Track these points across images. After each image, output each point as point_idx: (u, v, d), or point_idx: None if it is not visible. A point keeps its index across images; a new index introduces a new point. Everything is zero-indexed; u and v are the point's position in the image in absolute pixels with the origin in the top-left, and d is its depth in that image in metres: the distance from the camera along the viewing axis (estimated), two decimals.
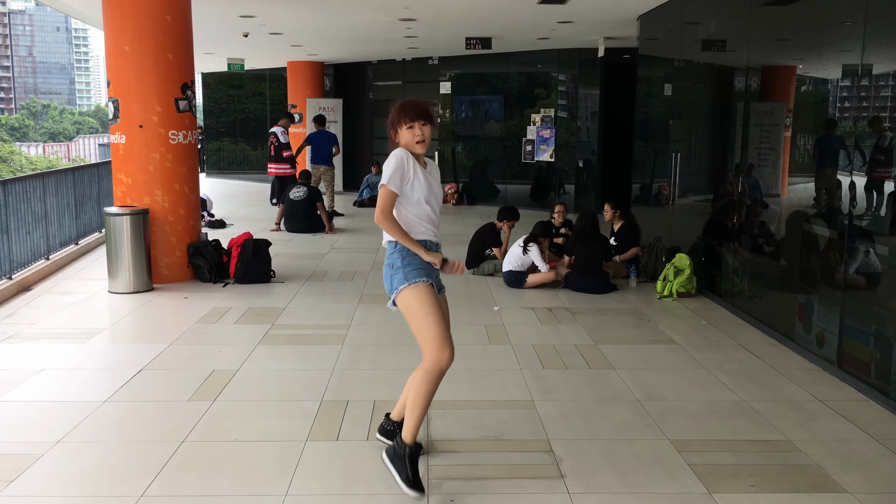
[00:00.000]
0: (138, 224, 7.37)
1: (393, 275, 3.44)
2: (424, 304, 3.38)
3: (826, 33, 5.77)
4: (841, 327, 5.13)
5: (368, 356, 5.47)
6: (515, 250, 7.86)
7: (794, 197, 6.35)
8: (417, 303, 3.37)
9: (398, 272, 3.42)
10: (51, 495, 3.44)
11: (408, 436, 3.42)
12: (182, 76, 7.59)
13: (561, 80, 14.51)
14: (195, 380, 4.93)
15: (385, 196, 3.37)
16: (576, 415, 4.41)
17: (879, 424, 4.32)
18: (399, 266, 3.42)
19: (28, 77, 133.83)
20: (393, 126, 3.47)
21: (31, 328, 6.15)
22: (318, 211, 11.30)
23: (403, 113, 3.44)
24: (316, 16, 10.48)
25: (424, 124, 3.43)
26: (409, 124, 3.42)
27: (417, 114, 3.43)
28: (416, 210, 3.46)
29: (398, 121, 3.45)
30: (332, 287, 7.77)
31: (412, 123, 3.42)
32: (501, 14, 9.90)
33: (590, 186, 14.03)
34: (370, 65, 17.85)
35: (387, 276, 3.49)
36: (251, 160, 20.87)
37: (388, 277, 3.47)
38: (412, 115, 3.43)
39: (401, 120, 3.44)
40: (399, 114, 3.45)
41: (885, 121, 5.00)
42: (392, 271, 3.44)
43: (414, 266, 3.42)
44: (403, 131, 3.44)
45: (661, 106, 9.78)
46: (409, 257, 3.42)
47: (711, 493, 3.49)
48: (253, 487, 3.50)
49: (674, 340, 5.99)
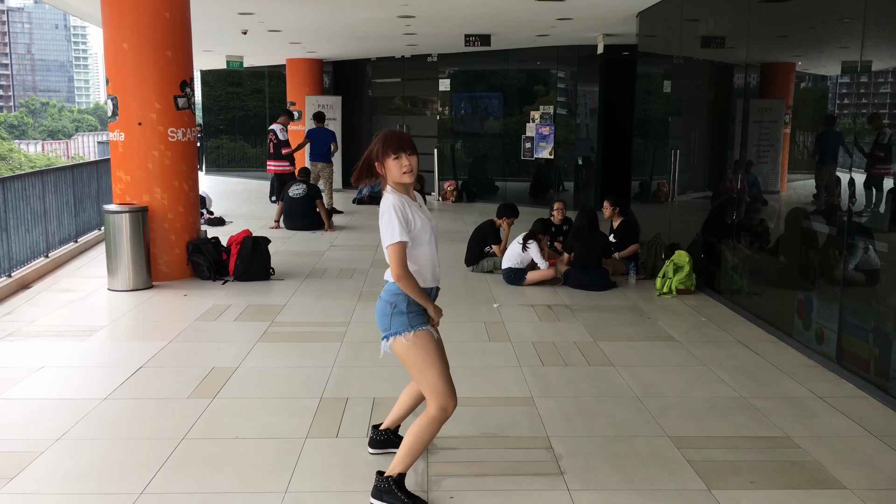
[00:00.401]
0: (137, 222, 7.36)
1: (393, 315, 3.29)
2: (429, 353, 3.29)
3: (825, 30, 5.76)
4: (840, 324, 5.13)
5: (368, 353, 5.47)
6: (515, 247, 7.87)
7: (793, 193, 6.35)
8: (423, 353, 3.28)
9: (400, 316, 3.28)
10: (50, 493, 3.44)
11: (394, 470, 3.33)
12: (181, 73, 7.58)
13: (560, 77, 14.50)
14: (195, 377, 4.93)
15: (398, 251, 3.19)
16: (575, 412, 4.41)
17: (878, 421, 4.33)
18: (402, 310, 3.28)
19: (27, 75, 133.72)
20: (377, 158, 3.28)
21: (30, 326, 6.15)
22: (317, 208, 11.30)
23: (387, 144, 3.26)
24: (315, 13, 10.46)
25: (411, 154, 3.28)
26: (395, 155, 3.25)
27: (402, 144, 3.27)
28: (425, 252, 3.32)
29: (383, 152, 3.26)
30: (332, 284, 7.77)
31: (398, 154, 3.24)
32: (500, 11, 9.89)
33: (589, 183, 14.03)
34: (369, 62, 17.83)
35: (384, 314, 3.32)
36: (250, 158, 20.86)
37: (387, 316, 3.30)
38: (396, 145, 3.26)
39: (386, 151, 3.26)
40: (383, 145, 3.27)
41: (885, 118, 5.00)
42: (392, 311, 3.29)
43: (416, 312, 3.30)
44: (390, 162, 3.26)
45: (660, 103, 9.78)
46: (413, 304, 3.29)
47: (711, 489, 3.50)
48: (253, 484, 3.51)
49: (673, 337, 6.00)
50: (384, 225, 3.24)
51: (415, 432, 3.30)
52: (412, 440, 3.30)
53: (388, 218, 3.22)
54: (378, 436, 3.82)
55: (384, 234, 3.24)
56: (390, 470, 3.34)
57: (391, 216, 3.22)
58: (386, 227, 3.23)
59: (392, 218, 3.21)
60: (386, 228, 3.23)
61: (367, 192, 14.89)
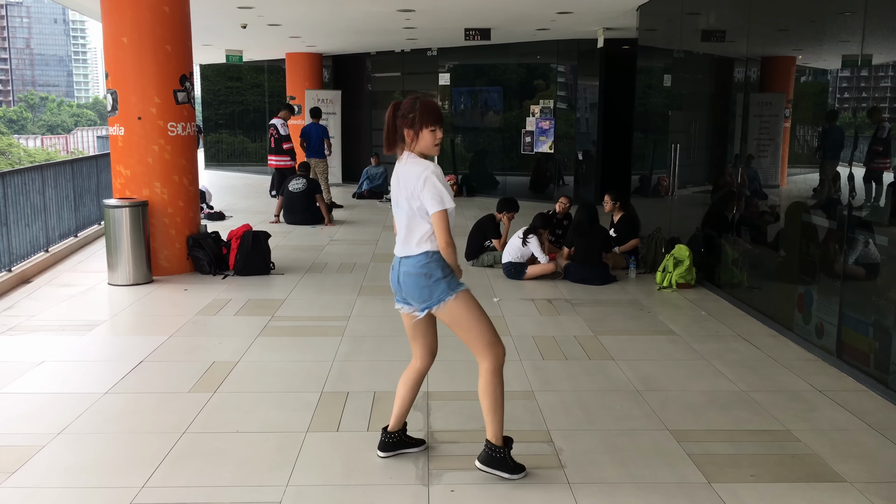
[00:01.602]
0: (137, 216, 7.36)
1: (433, 286, 3.36)
2: (474, 309, 3.42)
3: (826, 23, 5.75)
4: (840, 317, 5.13)
5: (368, 347, 5.48)
6: (515, 242, 7.87)
7: (793, 188, 6.35)
8: (468, 310, 3.40)
9: (440, 283, 3.37)
10: (52, 486, 3.45)
11: (498, 438, 3.47)
12: (180, 68, 7.57)
13: (560, 71, 14.48)
14: (195, 371, 4.93)
15: (445, 218, 3.30)
16: (576, 405, 4.42)
17: (878, 414, 4.34)
18: (440, 277, 3.36)
19: (26, 69, 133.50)
20: (412, 125, 3.34)
21: (30, 320, 6.15)
22: (317, 203, 11.30)
23: (428, 115, 3.35)
24: (314, 7, 10.45)
25: (442, 128, 3.42)
26: (432, 128, 3.36)
27: (439, 118, 3.39)
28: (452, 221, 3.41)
29: (421, 122, 3.34)
30: (332, 279, 7.77)
31: (434, 127, 3.36)
32: (501, 4, 9.87)
33: (589, 178, 14.02)
34: (369, 56, 17.80)
35: (421, 287, 3.38)
36: (250, 152, 20.84)
37: (425, 288, 3.37)
38: (435, 118, 3.36)
39: (424, 121, 3.34)
40: (423, 115, 3.34)
41: (885, 112, 5.00)
42: (430, 282, 3.36)
43: (451, 275, 3.40)
44: (426, 133, 3.35)
45: (660, 97, 9.77)
46: (446, 268, 3.39)
47: (711, 482, 3.50)
48: (254, 478, 3.52)
49: (673, 331, 6.00)
50: (428, 193, 3.29)
51: (488, 395, 3.43)
52: (491, 403, 3.43)
53: (433, 185, 3.29)
54: (389, 438, 3.74)
55: (430, 202, 3.29)
56: (493, 439, 3.47)
57: (435, 184, 3.30)
58: (431, 195, 3.29)
59: (437, 185, 3.29)
60: (431, 196, 3.29)
61: (366, 188, 14.88)
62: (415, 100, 3.38)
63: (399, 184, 3.43)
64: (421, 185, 3.31)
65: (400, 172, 3.43)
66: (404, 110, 3.38)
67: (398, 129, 3.40)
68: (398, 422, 3.74)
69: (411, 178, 3.35)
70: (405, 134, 3.38)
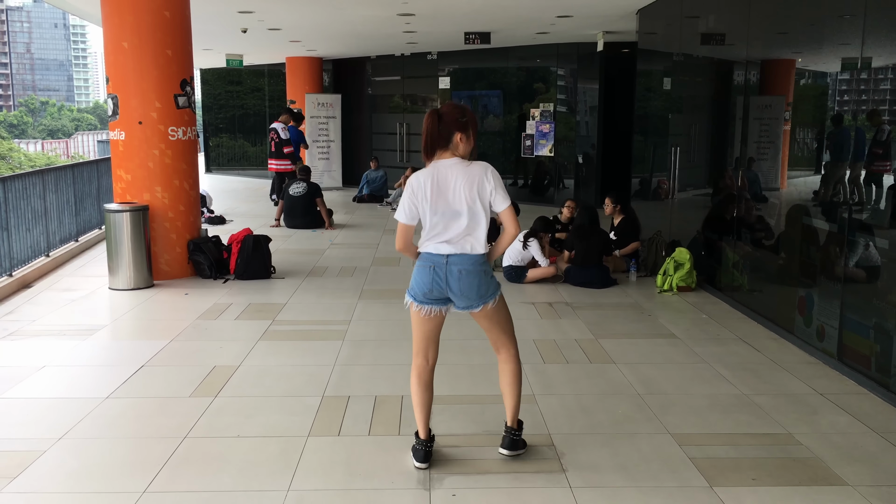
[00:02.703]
0: (138, 221, 7.36)
1: (489, 282, 3.60)
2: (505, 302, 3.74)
3: (825, 26, 5.76)
4: (841, 320, 5.13)
5: (369, 351, 5.48)
6: (515, 245, 7.86)
7: (793, 190, 6.35)
8: (504, 303, 3.71)
9: (493, 279, 3.64)
10: (53, 491, 3.45)
11: (515, 420, 3.76)
12: (181, 72, 7.58)
13: (560, 74, 14.49)
14: (196, 376, 4.93)
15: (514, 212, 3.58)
16: (577, 409, 4.42)
17: (880, 417, 4.33)
18: (492, 273, 3.65)
19: (26, 74, 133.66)
20: (466, 128, 3.50)
21: (31, 325, 6.15)
22: (317, 207, 11.30)
23: (475, 121, 3.58)
24: (315, 11, 10.46)
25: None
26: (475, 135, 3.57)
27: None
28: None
29: (474, 125, 3.55)
30: (333, 283, 7.77)
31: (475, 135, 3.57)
32: (500, 8, 9.88)
33: (589, 181, 14.02)
34: (369, 60, 17.82)
35: (481, 284, 3.56)
36: (250, 156, 20.85)
37: (484, 284, 3.57)
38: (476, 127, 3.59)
39: (475, 126, 3.56)
40: (474, 120, 3.56)
41: (884, 114, 5.00)
42: (488, 278, 3.59)
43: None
44: (471, 138, 3.54)
45: (660, 100, 9.78)
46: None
47: (713, 486, 3.50)
48: (255, 483, 3.51)
49: (674, 334, 6.00)
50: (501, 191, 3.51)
51: (514, 382, 3.71)
52: (516, 389, 3.71)
53: (499, 179, 3.52)
54: (426, 447, 3.67)
55: (501, 198, 3.52)
56: (513, 422, 3.74)
57: (500, 181, 3.53)
58: (503, 193, 3.53)
59: (502, 183, 3.54)
60: (503, 194, 3.53)
61: (366, 192, 14.88)
62: (458, 106, 3.55)
63: (450, 186, 3.48)
64: (492, 184, 3.49)
65: (451, 174, 3.49)
66: (456, 115, 3.49)
67: (443, 134, 3.48)
68: (427, 427, 3.70)
69: (475, 178, 3.48)
70: (457, 137, 3.49)
